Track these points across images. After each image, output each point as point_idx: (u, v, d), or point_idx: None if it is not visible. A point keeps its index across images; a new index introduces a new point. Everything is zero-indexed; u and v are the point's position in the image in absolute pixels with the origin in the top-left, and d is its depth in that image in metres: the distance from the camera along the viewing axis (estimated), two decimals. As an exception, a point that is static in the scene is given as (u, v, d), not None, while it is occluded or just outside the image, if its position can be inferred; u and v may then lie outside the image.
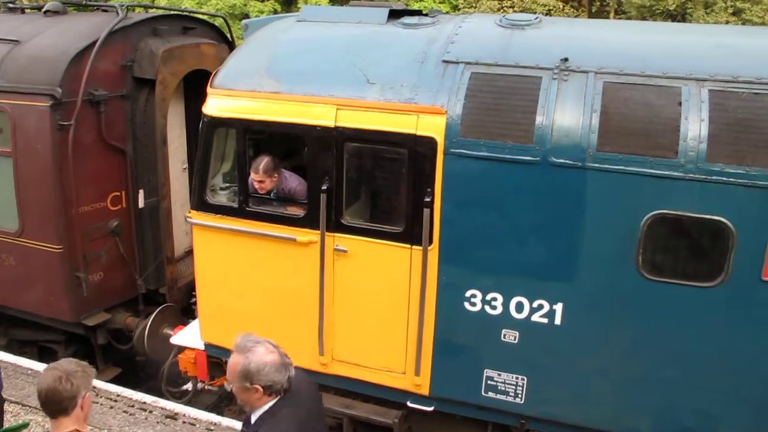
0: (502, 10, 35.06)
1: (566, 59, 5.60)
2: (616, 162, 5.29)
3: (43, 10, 8.99)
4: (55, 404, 3.58)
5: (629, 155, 5.26)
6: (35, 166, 7.79)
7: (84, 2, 9.94)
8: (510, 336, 5.84)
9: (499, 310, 5.81)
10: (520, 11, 33.06)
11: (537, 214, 5.57)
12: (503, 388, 5.99)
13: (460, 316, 5.94)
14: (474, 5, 37.48)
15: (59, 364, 3.68)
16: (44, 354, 9.09)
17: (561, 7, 37.57)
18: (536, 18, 6.28)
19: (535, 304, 5.71)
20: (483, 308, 5.85)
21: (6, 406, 6.81)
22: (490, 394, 6.05)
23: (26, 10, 9.84)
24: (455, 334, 6.02)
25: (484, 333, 5.91)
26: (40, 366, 8.33)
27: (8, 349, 8.97)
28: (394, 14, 6.63)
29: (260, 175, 6.50)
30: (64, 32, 8.24)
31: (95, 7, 9.56)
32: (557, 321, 5.69)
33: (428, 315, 6.01)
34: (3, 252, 8.35)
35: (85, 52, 7.72)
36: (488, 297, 5.82)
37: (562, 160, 5.41)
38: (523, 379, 5.93)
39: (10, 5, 9.65)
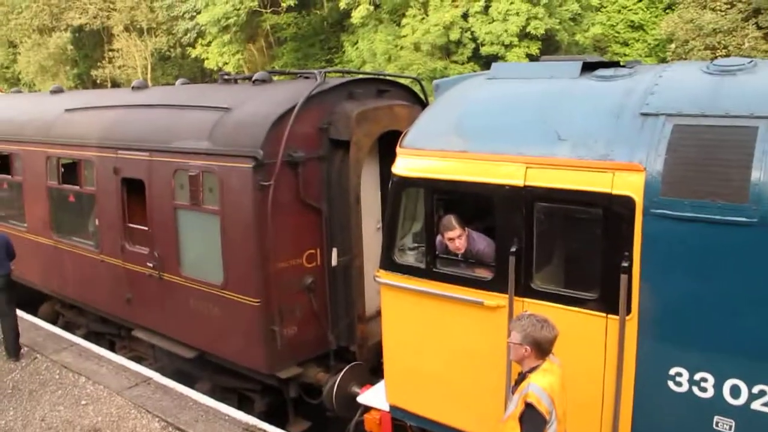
0: (714, 59, 32.57)
1: (788, 107, 4.92)
2: None
3: (252, 79, 9.72)
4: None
5: None
6: (238, 223, 8.27)
7: (287, 70, 10.61)
8: (724, 425, 5.09)
9: (710, 392, 5.10)
10: (736, 57, 30.63)
11: (753, 282, 4.86)
12: (715, 484, 5.22)
13: (662, 396, 5.30)
14: (684, 57, 35.16)
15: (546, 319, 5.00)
16: (243, 402, 9.50)
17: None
18: (750, 62, 5.60)
19: (756, 390, 4.94)
20: (690, 389, 5.17)
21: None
22: (700, 489, 5.29)
23: (238, 81, 10.75)
24: (657, 418, 5.37)
25: (692, 418, 5.21)
26: (237, 413, 8.70)
27: (211, 394, 9.48)
28: (588, 67, 6.28)
29: (457, 230, 6.35)
30: (267, 99, 8.79)
31: (298, 75, 10.15)
32: (784, 410, 4.87)
33: (626, 393, 5.42)
34: (209, 302, 8.90)
35: (284, 117, 8.12)
36: (696, 377, 5.14)
37: (784, 222, 4.70)
38: (740, 475, 5.13)
39: (225, 77, 10.64)
